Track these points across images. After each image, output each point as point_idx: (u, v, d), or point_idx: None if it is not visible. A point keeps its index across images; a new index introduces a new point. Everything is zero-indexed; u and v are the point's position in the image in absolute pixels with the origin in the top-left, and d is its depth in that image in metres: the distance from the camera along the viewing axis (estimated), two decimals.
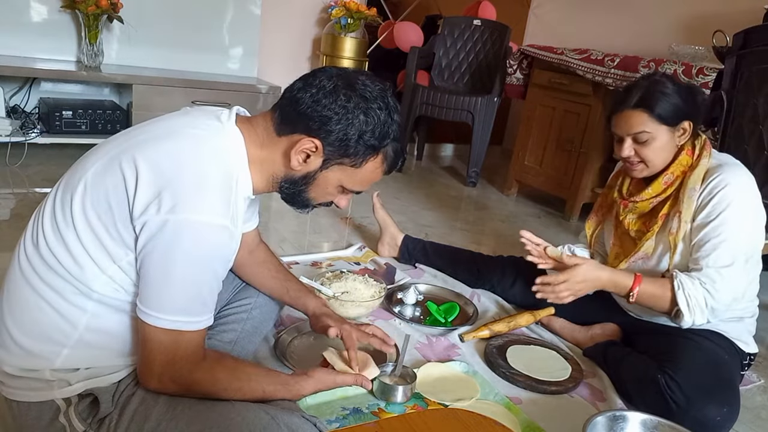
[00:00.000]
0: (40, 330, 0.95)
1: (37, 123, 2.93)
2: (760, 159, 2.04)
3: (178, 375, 0.95)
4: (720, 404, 1.33)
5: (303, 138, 1.01)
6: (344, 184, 1.08)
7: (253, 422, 0.93)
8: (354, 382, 1.20)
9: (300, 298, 1.40)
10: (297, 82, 1.03)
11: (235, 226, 0.95)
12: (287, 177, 1.06)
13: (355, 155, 1.02)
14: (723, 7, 2.98)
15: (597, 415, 1.24)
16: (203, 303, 0.95)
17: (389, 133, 1.03)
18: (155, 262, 0.90)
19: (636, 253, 1.57)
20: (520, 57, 3.32)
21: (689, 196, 1.46)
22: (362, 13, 3.66)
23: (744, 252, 1.41)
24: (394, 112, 1.04)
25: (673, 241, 1.49)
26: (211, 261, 0.93)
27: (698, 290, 1.39)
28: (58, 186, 0.99)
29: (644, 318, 1.66)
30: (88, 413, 0.98)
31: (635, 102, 1.46)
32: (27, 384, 0.96)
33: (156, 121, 1.03)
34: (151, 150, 0.93)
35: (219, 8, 3.49)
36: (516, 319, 1.77)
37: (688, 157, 1.50)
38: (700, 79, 2.36)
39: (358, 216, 2.76)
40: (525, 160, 3.37)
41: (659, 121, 1.45)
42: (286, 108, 1.02)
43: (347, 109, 0.99)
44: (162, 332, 0.92)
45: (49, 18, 3.05)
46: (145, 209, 0.88)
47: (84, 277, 0.93)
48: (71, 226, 0.92)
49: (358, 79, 1.02)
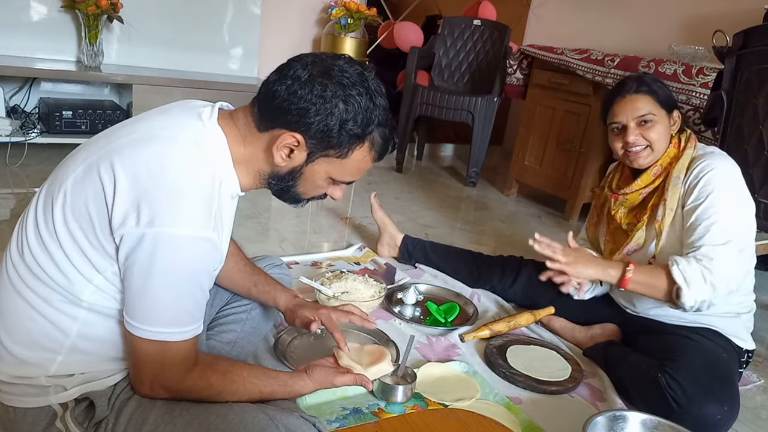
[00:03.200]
0: (32, 338, 0.94)
1: (37, 123, 2.94)
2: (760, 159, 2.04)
3: (168, 383, 0.94)
4: (720, 402, 1.33)
5: (284, 133, 0.96)
6: (333, 176, 1.03)
7: (251, 424, 0.93)
8: (353, 381, 1.19)
9: (269, 292, 1.36)
10: (272, 75, 0.98)
11: (219, 234, 0.93)
12: (273, 173, 1.02)
13: (340, 146, 0.98)
14: (723, 7, 2.98)
15: (597, 415, 1.24)
16: (189, 314, 0.93)
17: (373, 119, 0.98)
18: (137, 277, 0.87)
19: (628, 244, 1.59)
20: (520, 57, 3.32)
21: (674, 184, 1.51)
22: (362, 13, 3.66)
23: (736, 234, 1.41)
24: (377, 96, 0.98)
25: (659, 228, 1.52)
26: (194, 274, 0.91)
27: (693, 265, 1.38)
28: (40, 193, 0.97)
29: (644, 316, 1.66)
30: (84, 417, 0.97)
31: (636, 88, 1.53)
32: (23, 390, 0.95)
33: (136, 121, 0.99)
34: (129, 156, 0.89)
35: (219, 8, 3.49)
36: (516, 319, 1.77)
37: (674, 149, 1.55)
38: (700, 79, 2.36)
39: (358, 216, 2.76)
40: (525, 160, 3.37)
41: (661, 105, 1.52)
42: (264, 102, 0.98)
43: (324, 98, 0.94)
44: (148, 343, 0.90)
45: (49, 18, 3.05)
46: (123, 221, 0.86)
47: (71, 287, 0.91)
48: (54, 237, 0.90)
49: (335, 64, 0.96)
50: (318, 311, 1.32)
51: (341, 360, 1.22)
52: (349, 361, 1.22)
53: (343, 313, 1.34)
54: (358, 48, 3.84)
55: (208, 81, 3.20)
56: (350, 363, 1.22)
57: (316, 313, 1.31)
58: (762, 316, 1.62)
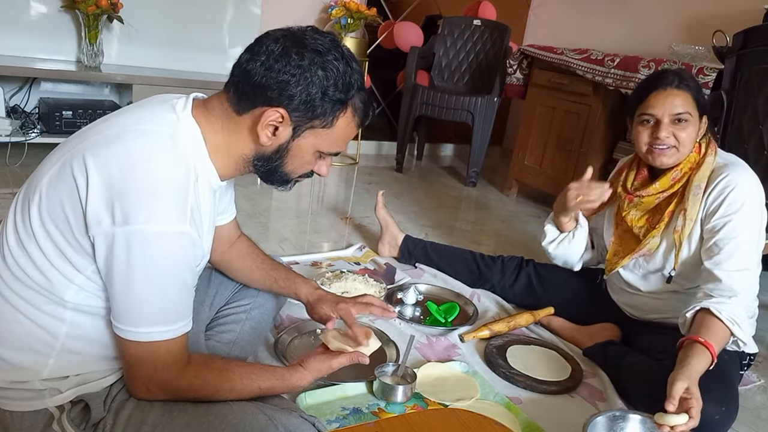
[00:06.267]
0: (22, 343, 0.93)
1: (37, 123, 2.93)
2: (760, 159, 2.04)
3: (164, 383, 0.94)
4: (718, 403, 1.32)
5: (266, 110, 0.94)
6: (320, 149, 1.01)
7: (251, 424, 0.92)
8: (350, 360, 1.16)
9: (290, 286, 1.35)
10: (243, 55, 0.96)
11: (197, 228, 0.92)
12: (258, 154, 1.01)
13: (324, 114, 0.96)
14: (723, 7, 2.98)
15: (597, 415, 1.24)
16: (175, 311, 0.92)
17: (353, 83, 0.96)
18: (117, 277, 0.87)
19: (640, 250, 1.56)
20: (520, 57, 3.32)
21: (694, 193, 1.47)
22: (362, 13, 3.66)
23: (759, 253, 1.41)
24: (352, 60, 0.97)
25: (678, 238, 1.49)
26: (174, 270, 0.90)
27: (735, 305, 1.35)
28: (18, 196, 0.96)
29: (643, 317, 1.66)
30: (81, 419, 0.97)
31: (678, 83, 1.45)
32: (18, 394, 0.95)
33: (109, 117, 0.98)
34: (101, 153, 0.88)
35: (219, 8, 3.49)
36: (516, 319, 1.77)
37: (695, 154, 1.51)
38: (700, 79, 2.36)
39: (358, 216, 2.76)
40: (525, 160, 3.37)
41: (697, 107, 1.46)
42: (240, 84, 0.96)
43: (303, 67, 0.92)
44: (138, 345, 0.90)
45: (49, 18, 3.05)
46: (98, 220, 0.85)
47: (53, 288, 0.91)
48: (32, 238, 0.90)
49: (306, 34, 0.95)
50: (338, 306, 1.30)
51: (331, 345, 1.20)
52: (339, 344, 1.20)
53: (363, 306, 1.32)
54: (358, 48, 3.84)
55: (208, 81, 3.19)
56: (340, 345, 1.19)
57: (335, 308, 1.30)
58: (762, 316, 1.61)
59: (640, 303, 1.66)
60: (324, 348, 1.21)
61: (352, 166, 3.79)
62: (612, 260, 1.65)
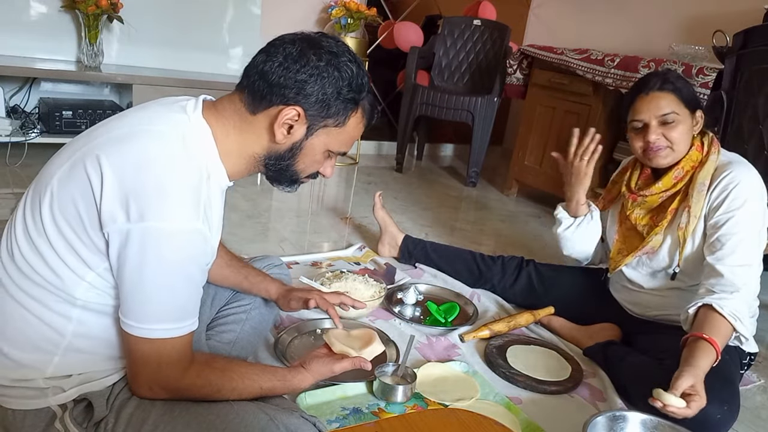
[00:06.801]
0: (28, 341, 0.94)
1: (37, 123, 2.93)
2: (760, 159, 2.04)
3: (166, 382, 0.94)
4: (720, 403, 1.32)
5: (283, 108, 0.97)
6: (331, 148, 1.04)
7: (252, 423, 0.93)
8: (352, 365, 1.18)
9: (261, 282, 1.40)
10: (258, 56, 0.99)
11: (209, 226, 0.93)
12: (271, 153, 1.02)
13: (337, 114, 1.00)
14: (723, 7, 2.98)
15: (597, 415, 1.24)
16: (183, 309, 0.93)
17: (364, 85, 1.01)
18: (129, 273, 0.88)
19: (643, 247, 1.58)
20: (520, 57, 3.32)
21: (699, 191, 1.48)
22: (362, 13, 3.66)
23: (760, 250, 1.42)
24: (360, 63, 1.01)
25: (683, 235, 1.50)
26: (185, 267, 0.91)
27: (737, 300, 1.36)
28: (27, 194, 0.97)
29: (645, 315, 1.66)
30: (83, 418, 0.97)
31: (661, 85, 1.48)
32: (21, 393, 0.95)
33: (119, 117, 0.99)
34: (115, 152, 0.89)
35: (219, 8, 3.49)
36: (516, 319, 1.77)
37: (697, 152, 1.52)
38: (700, 79, 2.36)
39: (358, 216, 2.76)
40: (525, 160, 3.37)
41: (684, 104, 1.48)
42: (256, 84, 0.98)
43: (320, 68, 0.96)
44: (144, 341, 0.91)
45: (49, 18, 3.05)
46: (113, 217, 0.86)
47: (64, 285, 0.91)
48: (43, 236, 0.90)
49: (319, 37, 0.99)
50: (310, 292, 1.41)
51: (334, 347, 1.21)
52: (342, 347, 1.21)
53: (334, 296, 1.45)
54: (358, 48, 3.84)
55: (208, 81, 3.19)
56: (344, 348, 1.20)
57: (308, 294, 1.39)
58: (762, 316, 1.62)
59: (642, 300, 1.66)
60: (327, 349, 1.21)
61: (352, 166, 3.79)
62: (616, 258, 1.66)
